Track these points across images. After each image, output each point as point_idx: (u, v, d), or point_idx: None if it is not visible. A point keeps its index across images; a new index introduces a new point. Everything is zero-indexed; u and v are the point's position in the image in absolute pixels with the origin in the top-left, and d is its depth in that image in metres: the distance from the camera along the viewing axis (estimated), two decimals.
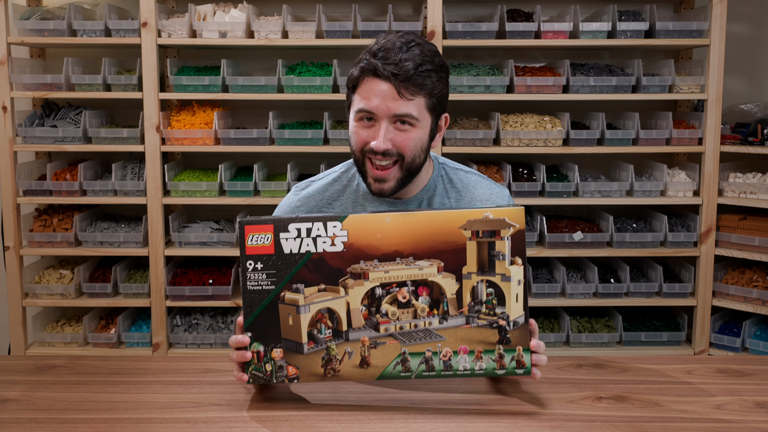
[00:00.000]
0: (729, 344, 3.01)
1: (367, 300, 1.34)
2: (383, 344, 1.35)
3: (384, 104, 1.48)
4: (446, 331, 1.35)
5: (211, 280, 3.04)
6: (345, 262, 1.34)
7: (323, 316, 1.35)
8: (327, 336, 1.35)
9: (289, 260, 1.34)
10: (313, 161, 3.21)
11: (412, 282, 1.34)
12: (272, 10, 3.11)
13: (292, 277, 1.34)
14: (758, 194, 2.93)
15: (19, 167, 3.00)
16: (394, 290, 1.34)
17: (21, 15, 2.96)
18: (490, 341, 1.35)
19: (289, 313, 1.35)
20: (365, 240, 1.33)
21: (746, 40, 3.36)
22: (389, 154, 1.51)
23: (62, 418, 1.36)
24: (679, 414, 1.37)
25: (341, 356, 1.35)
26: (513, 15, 3.03)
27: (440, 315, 1.35)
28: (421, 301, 1.34)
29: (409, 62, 1.47)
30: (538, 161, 3.13)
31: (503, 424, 1.32)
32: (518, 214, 1.33)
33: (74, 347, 3.07)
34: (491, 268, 1.34)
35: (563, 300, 3.05)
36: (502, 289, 1.34)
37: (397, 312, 1.35)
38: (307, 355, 1.36)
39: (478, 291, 1.34)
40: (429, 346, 1.35)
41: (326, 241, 1.34)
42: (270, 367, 1.37)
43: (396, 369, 1.35)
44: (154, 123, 2.94)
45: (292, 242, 1.34)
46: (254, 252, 1.35)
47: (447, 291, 1.34)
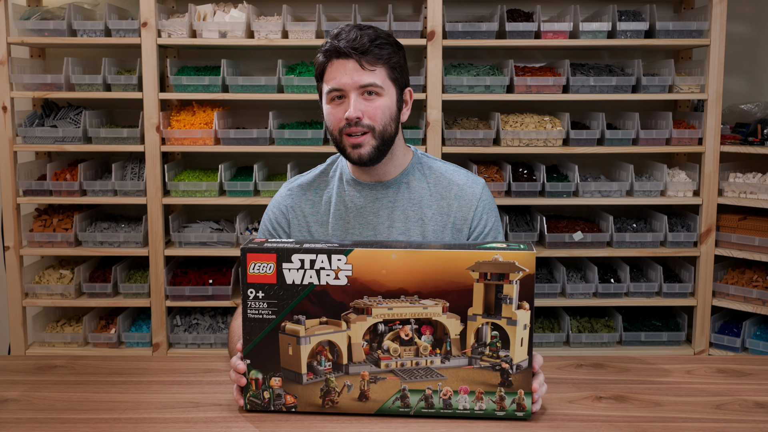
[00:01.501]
0: (729, 344, 3.01)
1: (369, 335, 1.33)
2: (383, 380, 1.34)
3: (350, 78, 1.61)
4: (448, 370, 1.33)
5: (211, 280, 3.04)
6: (348, 296, 1.32)
7: (324, 348, 1.33)
8: (327, 368, 1.34)
9: (291, 291, 1.33)
10: (313, 161, 3.18)
11: (415, 320, 1.32)
12: (272, 10, 3.11)
13: (293, 308, 1.33)
14: (758, 194, 2.93)
15: (19, 167, 3.00)
16: (397, 327, 1.32)
17: (21, 15, 2.96)
18: (491, 383, 1.33)
19: (289, 343, 1.34)
20: (370, 275, 1.31)
21: (746, 40, 3.36)
22: (361, 124, 1.62)
23: (62, 418, 1.36)
24: (679, 414, 1.37)
25: (340, 389, 1.34)
26: (513, 15, 3.03)
27: (443, 354, 1.33)
28: (424, 340, 1.33)
29: (365, 37, 1.62)
30: (538, 161, 3.13)
31: (503, 424, 1.33)
32: (529, 258, 1.30)
33: (74, 347, 3.07)
34: (497, 311, 1.31)
35: (563, 300, 3.05)
36: (508, 332, 1.31)
37: (399, 349, 1.33)
38: (306, 386, 1.35)
39: (482, 333, 1.32)
40: (429, 384, 1.34)
41: (330, 274, 1.32)
42: (268, 395, 1.36)
43: (395, 404, 1.35)
44: (154, 123, 2.94)
45: (295, 273, 1.33)
46: (256, 281, 1.34)
47: (451, 331, 1.32)
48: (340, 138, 1.65)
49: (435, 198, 1.73)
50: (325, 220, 1.75)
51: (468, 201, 1.73)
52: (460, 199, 1.72)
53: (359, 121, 1.61)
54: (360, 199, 1.73)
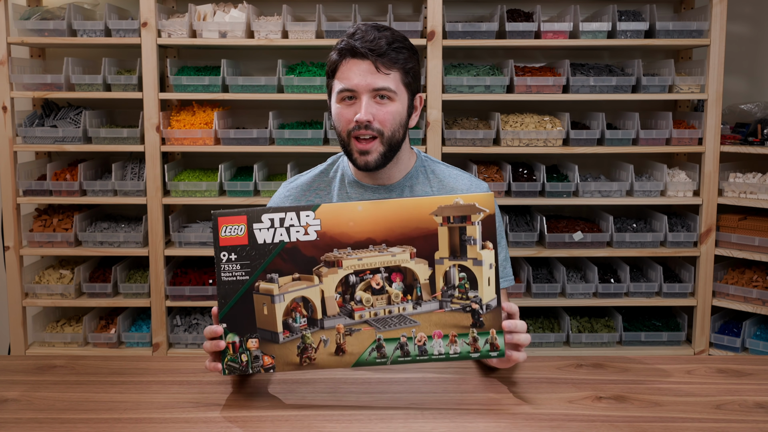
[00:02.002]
0: (729, 344, 3.01)
1: (342, 288, 1.35)
2: (358, 331, 1.36)
3: (364, 80, 1.59)
4: (420, 316, 1.36)
5: (211, 280, 3.04)
6: (318, 251, 1.35)
7: (298, 305, 1.35)
8: (302, 325, 1.36)
9: (262, 250, 1.35)
10: (313, 161, 3.18)
11: (385, 269, 1.35)
12: (272, 10, 3.11)
13: (266, 267, 1.35)
14: (758, 194, 2.93)
15: (19, 167, 3.00)
16: (367, 277, 1.35)
17: (21, 15, 2.96)
18: (463, 325, 1.36)
19: (264, 303, 1.35)
20: (338, 228, 1.34)
21: (746, 40, 3.36)
22: (371, 127, 1.59)
23: (62, 418, 1.36)
24: (679, 414, 1.37)
25: (317, 344, 1.36)
26: (513, 15, 3.03)
27: (414, 300, 1.36)
28: (395, 287, 1.35)
29: (383, 40, 1.60)
30: (538, 161, 3.13)
31: (503, 424, 1.33)
32: (488, 199, 1.35)
33: (74, 347, 3.07)
34: (463, 253, 1.35)
35: (563, 300, 3.05)
36: (474, 273, 1.35)
37: (371, 299, 1.36)
38: (283, 345, 1.36)
39: (450, 276, 1.35)
40: (403, 331, 1.36)
41: (299, 231, 1.35)
42: (246, 358, 1.37)
43: (371, 355, 1.36)
44: (154, 123, 2.94)
45: (266, 232, 1.35)
46: (228, 243, 1.35)
47: (420, 276, 1.35)
48: (348, 140, 1.63)
49: None
50: None
51: None
52: None
53: (369, 125, 1.59)
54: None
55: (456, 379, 1.51)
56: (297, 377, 1.52)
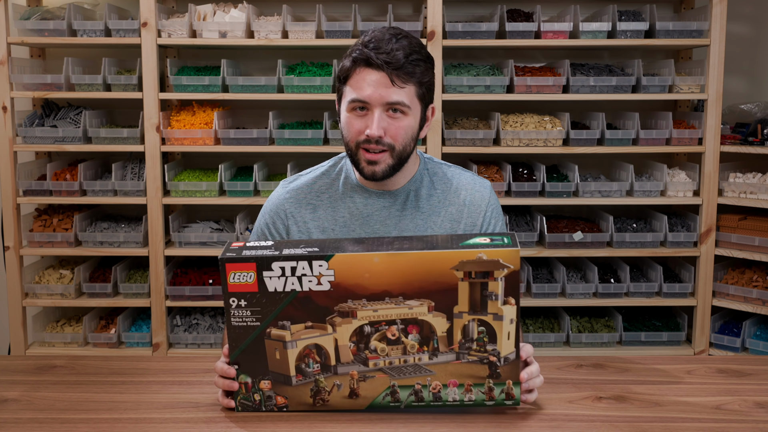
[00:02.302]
0: (729, 344, 3.01)
1: (356, 337, 1.32)
2: (372, 377, 1.34)
3: (377, 92, 1.53)
4: (436, 366, 1.33)
5: (211, 280, 3.04)
6: (332, 301, 1.30)
7: (311, 351, 1.33)
8: (315, 369, 1.34)
9: (273, 298, 1.31)
10: (313, 161, 3.17)
11: (401, 320, 1.31)
12: (272, 10, 3.11)
13: (277, 315, 1.32)
14: (758, 194, 2.93)
15: (19, 167, 3.00)
16: (383, 328, 1.32)
17: (21, 15, 2.96)
18: (480, 375, 1.33)
19: (276, 348, 1.33)
20: (353, 279, 1.29)
21: (746, 40, 3.36)
22: (382, 142, 1.55)
23: (62, 418, 1.36)
24: (679, 414, 1.37)
25: (330, 388, 1.34)
26: (513, 15, 3.03)
27: (430, 351, 1.32)
28: (411, 339, 1.32)
29: (400, 51, 1.53)
30: (538, 161, 3.13)
31: (503, 424, 1.32)
32: (513, 255, 1.28)
33: (74, 347, 3.07)
34: (483, 308, 1.30)
35: (563, 300, 3.05)
36: (494, 327, 1.31)
37: (387, 348, 1.33)
38: (296, 387, 1.35)
39: (469, 330, 1.32)
40: (418, 380, 1.34)
41: (312, 280, 1.30)
42: (258, 397, 1.36)
43: (385, 400, 1.35)
44: (154, 123, 2.94)
45: (276, 281, 1.31)
46: (237, 290, 1.32)
47: (437, 329, 1.31)
48: (356, 150, 1.58)
49: (444, 205, 1.69)
50: (328, 227, 1.68)
51: (477, 206, 1.70)
52: (469, 205, 1.69)
53: (380, 140, 1.54)
54: (366, 207, 1.67)
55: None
56: None
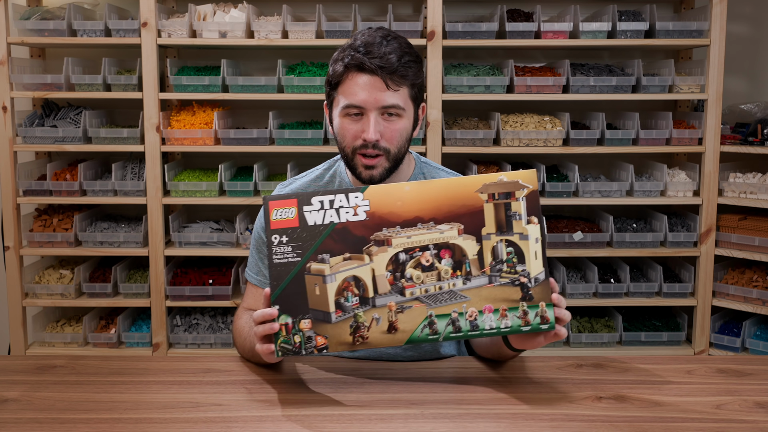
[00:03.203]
0: (729, 344, 3.01)
1: (392, 266, 1.37)
2: (410, 308, 1.37)
3: (372, 97, 1.54)
4: (470, 291, 1.38)
5: (211, 280, 3.04)
6: (368, 230, 1.37)
7: (349, 284, 1.37)
8: (354, 303, 1.37)
9: (313, 232, 1.37)
10: (313, 161, 3.18)
11: (434, 246, 1.37)
12: (272, 10, 3.11)
13: (317, 248, 1.37)
14: (758, 194, 2.93)
15: (19, 167, 3.00)
16: (417, 255, 1.37)
17: (21, 15, 2.96)
18: (513, 299, 1.38)
19: (316, 283, 1.37)
20: (387, 208, 1.37)
21: (746, 40, 3.36)
22: (378, 146, 1.57)
23: (62, 418, 1.35)
24: (679, 414, 1.37)
25: (369, 323, 1.37)
26: (513, 15, 3.03)
27: (463, 276, 1.37)
28: (444, 264, 1.37)
29: (393, 55, 1.54)
30: (538, 161, 3.13)
31: (503, 424, 1.33)
32: (531, 176, 1.38)
33: (74, 347, 3.07)
34: (509, 228, 1.38)
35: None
36: (521, 247, 1.37)
37: (422, 275, 1.37)
38: (336, 324, 1.37)
39: (498, 251, 1.38)
40: (454, 307, 1.37)
41: (349, 211, 1.37)
42: (299, 339, 1.37)
43: (424, 332, 1.37)
44: (154, 123, 2.94)
45: (316, 214, 1.37)
46: (279, 226, 1.37)
47: (468, 252, 1.37)
48: (353, 156, 1.59)
49: None
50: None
51: None
52: None
53: (377, 144, 1.56)
54: None
55: (456, 379, 1.52)
56: (297, 377, 1.52)
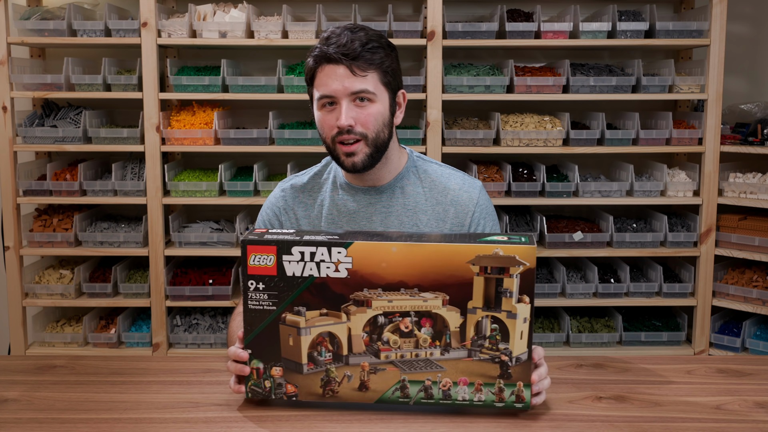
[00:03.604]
0: (729, 344, 3.01)
1: (369, 327, 1.34)
2: (383, 370, 1.35)
3: (341, 84, 1.57)
4: (447, 362, 1.34)
5: (211, 280, 3.04)
6: (348, 289, 1.33)
7: (324, 339, 1.34)
8: (327, 359, 1.35)
9: (291, 283, 1.34)
10: (313, 161, 3.17)
11: (415, 312, 1.33)
12: (272, 10, 3.11)
13: (294, 300, 1.34)
14: (758, 194, 2.93)
15: (19, 167, 3.00)
16: (396, 319, 1.33)
17: (21, 15, 2.96)
18: (490, 375, 1.34)
19: (290, 334, 1.35)
20: (370, 268, 1.32)
21: (746, 40, 3.36)
22: (353, 131, 1.59)
23: (62, 418, 1.36)
24: (679, 414, 1.37)
25: (340, 379, 1.35)
26: (513, 15, 3.03)
27: (442, 347, 1.33)
28: (424, 332, 1.33)
29: (356, 42, 1.57)
30: (538, 161, 3.13)
31: (503, 424, 1.33)
32: (530, 252, 1.30)
33: (74, 347, 3.07)
34: (497, 305, 1.31)
35: (563, 300, 3.05)
36: (507, 326, 1.32)
37: (399, 341, 1.34)
38: (307, 376, 1.36)
39: (482, 326, 1.32)
40: (429, 375, 1.34)
41: (330, 267, 1.33)
42: (269, 384, 1.37)
43: (395, 395, 1.35)
44: (154, 123, 2.94)
45: (295, 265, 1.33)
46: (256, 272, 1.34)
47: (450, 324, 1.33)
48: (333, 146, 1.62)
49: (430, 203, 1.70)
50: (317, 224, 1.73)
51: (464, 206, 1.70)
52: (456, 205, 1.70)
53: (351, 129, 1.58)
54: (353, 204, 1.71)
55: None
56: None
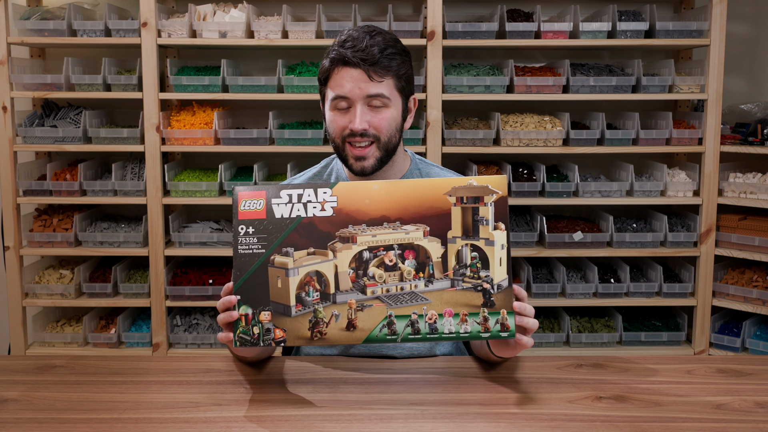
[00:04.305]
0: (729, 344, 3.01)
1: (355, 263, 1.37)
2: (370, 307, 1.37)
3: (357, 87, 1.58)
4: (432, 293, 1.37)
5: (211, 280, 3.04)
6: (334, 227, 1.37)
7: (311, 278, 1.37)
8: (315, 299, 1.37)
9: (279, 224, 1.37)
10: (313, 161, 3.18)
11: (398, 246, 1.37)
12: (272, 10, 3.11)
13: (282, 241, 1.37)
14: (758, 194, 2.93)
15: (19, 167, 3.00)
16: (381, 254, 1.37)
17: (21, 15, 2.96)
18: (474, 304, 1.37)
19: (278, 276, 1.37)
20: (354, 205, 1.37)
21: (746, 40, 3.36)
22: (367, 135, 1.60)
23: (62, 418, 1.35)
24: (679, 414, 1.37)
25: (328, 319, 1.37)
26: (513, 15, 3.03)
27: (426, 278, 1.37)
28: (408, 265, 1.37)
29: (375, 47, 1.59)
30: (538, 161, 3.13)
31: (503, 424, 1.33)
32: (501, 182, 1.37)
33: (74, 347, 3.07)
34: (475, 233, 1.37)
35: (563, 300, 3.05)
36: (486, 253, 1.37)
37: (384, 275, 1.37)
38: (295, 318, 1.37)
39: (462, 255, 1.37)
40: (415, 308, 1.37)
41: (316, 206, 1.37)
42: (257, 330, 1.38)
43: (382, 332, 1.37)
44: (154, 123, 2.94)
45: (284, 207, 1.37)
46: (246, 216, 1.38)
47: (432, 254, 1.37)
48: (343, 146, 1.63)
49: None
50: None
51: None
52: None
53: (365, 132, 1.59)
54: None
55: (456, 379, 1.51)
56: (297, 377, 1.52)
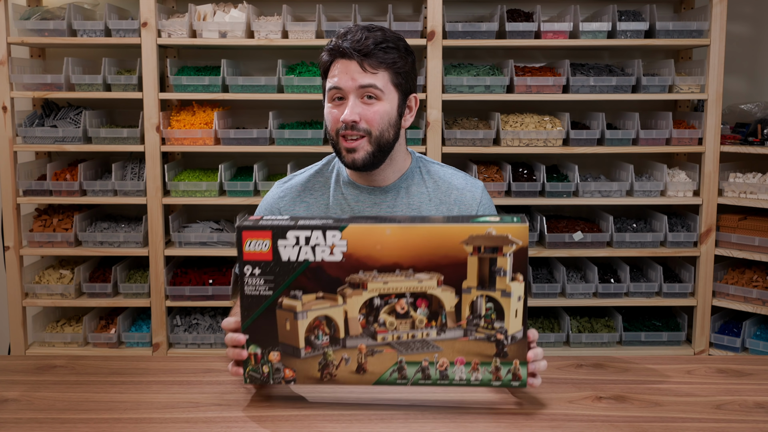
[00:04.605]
0: (729, 344, 3.01)
1: (365, 310, 1.34)
2: (380, 352, 1.35)
3: (350, 78, 1.58)
4: (444, 342, 1.34)
5: (211, 280, 3.04)
6: (344, 272, 1.33)
7: (321, 323, 1.35)
8: (324, 342, 1.35)
9: (287, 268, 1.34)
10: (313, 161, 3.17)
11: (411, 294, 1.33)
12: (272, 10, 3.11)
13: (290, 284, 1.34)
14: (758, 194, 2.93)
15: (19, 167, 3.00)
16: (392, 301, 1.34)
17: (21, 15, 2.96)
18: (487, 354, 1.34)
19: (287, 318, 1.35)
20: (365, 251, 1.32)
21: (746, 40, 3.36)
22: (357, 128, 1.59)
23: (62, 418, 1.36)
24: (679, 414, 1.37)
25: (338, 362, 1.35)
26: (513, 15, 3.03)
27: (438, 327, 1.34)
28: (420, 313, 1.34)
29: (370, 40, 1.59)
30: (538, 161, 3.13)
31: (503, 424, 1.33)
32: (522, 231, 1.30)
33: (74, 347, 3.07)
34: (491, 284, 1.32)
35: (563, 300, 3.05)
36: (502, 304, 1.33)
37: (395, 322, 1.34)
38: (304, 360, 1.36)
39: (477, 305, 1.33)
40: (426, 356, 1.35)
41: (325, 251, 1.33)
42: (267, 369, 1.37)
43: (392, 376, 1.36)
44: (154, 123, 2.94)
45: (290, 250, 1.33)
46: (252, 258, 1.34)
47: (446, 304, 1.33)
48: (337, 139, 1.63)
49: (434, 203, 1.71)
50: None
51: (468, 205, 1.71)
52: (460, 204, 1.71)
53: (356, 125, 1.59)
54: (357, 204, 1.71)
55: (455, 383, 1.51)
56: None
